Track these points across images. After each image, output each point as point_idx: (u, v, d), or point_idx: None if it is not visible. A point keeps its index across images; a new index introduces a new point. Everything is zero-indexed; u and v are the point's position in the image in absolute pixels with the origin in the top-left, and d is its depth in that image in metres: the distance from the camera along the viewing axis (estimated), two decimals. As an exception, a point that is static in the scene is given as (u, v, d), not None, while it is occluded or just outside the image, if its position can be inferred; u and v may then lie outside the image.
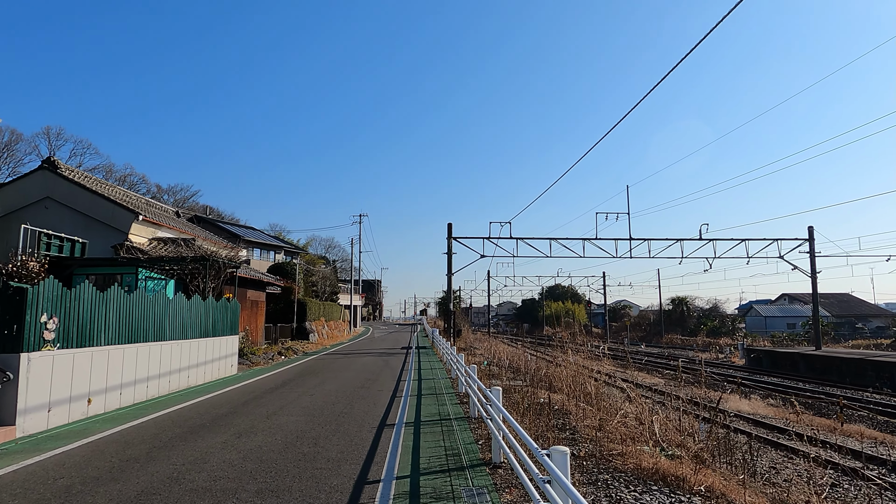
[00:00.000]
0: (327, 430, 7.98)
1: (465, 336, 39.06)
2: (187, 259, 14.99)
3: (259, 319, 22.65)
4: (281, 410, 9.72)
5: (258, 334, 22.60)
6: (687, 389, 22.27)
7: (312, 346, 28.76)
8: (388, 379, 15.03)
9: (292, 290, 30.44)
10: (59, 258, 15.01)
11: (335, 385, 13.54)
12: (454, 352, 14.99)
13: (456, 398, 11.62)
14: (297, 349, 25.81)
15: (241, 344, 19.48)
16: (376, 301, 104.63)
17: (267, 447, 6.91)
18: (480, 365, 18.27)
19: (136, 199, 25.19)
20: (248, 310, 21.43)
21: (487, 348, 31.28)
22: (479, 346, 34.76)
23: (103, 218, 19.52)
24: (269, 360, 20.62)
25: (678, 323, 67.55)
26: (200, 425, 8.33)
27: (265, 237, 50.54)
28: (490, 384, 13.13)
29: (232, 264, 16.63)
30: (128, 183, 57.86)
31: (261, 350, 21.36)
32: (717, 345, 51.43)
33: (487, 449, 6.85)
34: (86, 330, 9.14)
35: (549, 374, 13.12)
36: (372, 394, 12.02)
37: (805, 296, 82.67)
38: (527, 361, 21.00)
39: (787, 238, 31.71)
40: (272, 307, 30.69)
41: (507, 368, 18.12)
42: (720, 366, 33.45)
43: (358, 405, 10.39)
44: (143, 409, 9.77)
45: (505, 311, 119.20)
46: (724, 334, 60.49)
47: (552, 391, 12.65)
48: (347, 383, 13.92)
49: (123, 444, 7.10)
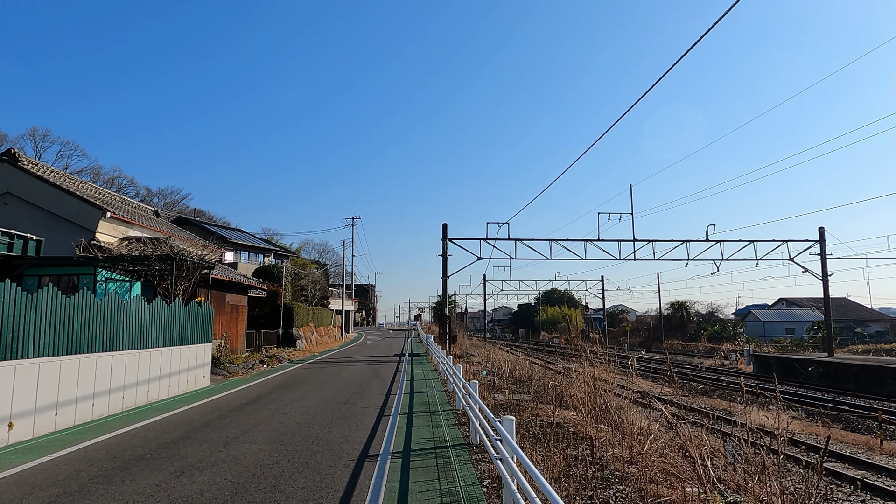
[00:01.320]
0: (294, 465, 6.41)
1: (460, 342, 37.50)
2: (150, 258, 13.38)
3: (240, 325, 21.04)
4: (244, 435, 8.14)
5: (238, 341, 20.97)
6: (699, 399, 20.86)
7: (299, 354, 27.10)
8: (377, 392, 13.45)
9: (278, 294, 28.79)
10: (6, 257, 13.37)
11: (315, 400, 11.94)
12: (450, 362, 13.45)
13: (453, 417, 10.07)
14: (282, 357, 24.16)
15: (217, 352, 17.86)
16: (370, 306, 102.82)
17: (209, 493, 5.33)
18: (479, 375, 16.72)
19: (111, 197, 23.55)
20: (226, 315, 19.82)
21: (485, 355, 29.72)
22: (476, 352, 33.20)
23: (68, 215, 17.88)
24: (249, 369, 18.99)
25: (678, 328, 66.18)
26: (138, 457, 6.74)
27: (254, 240, 48.80)
28: (494, 401, 11.60)
29: (204, 264, 15.04)
30: (116, 185, 56.14)
31: (240, 359, 19.72)
32: (719, 350, 50.05)
33: (496, 495, 5.31)
34: (7, 339, 7.54)
35: (560, 388, 11.58)
36: (356, 412, 10.44)
37: (803, 300, 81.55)
38: (528, 370, 19.46)
39: (797, 239, 30.42)
40: (257, 312, 29.03)
41: (509, 378, 16.57)
42: (727, 373, 32.02)
43: (338, 427, 8.81)
44: (80, 434, 8.16)
45: (500, 317, 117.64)
46: (725, 339, 59.14)
47: (562, 407, 11.12)
48: (330, 398, 12.33)
49: (29, 487, 5.51)
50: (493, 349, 38.73)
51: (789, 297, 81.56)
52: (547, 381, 14.16)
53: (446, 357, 14.85)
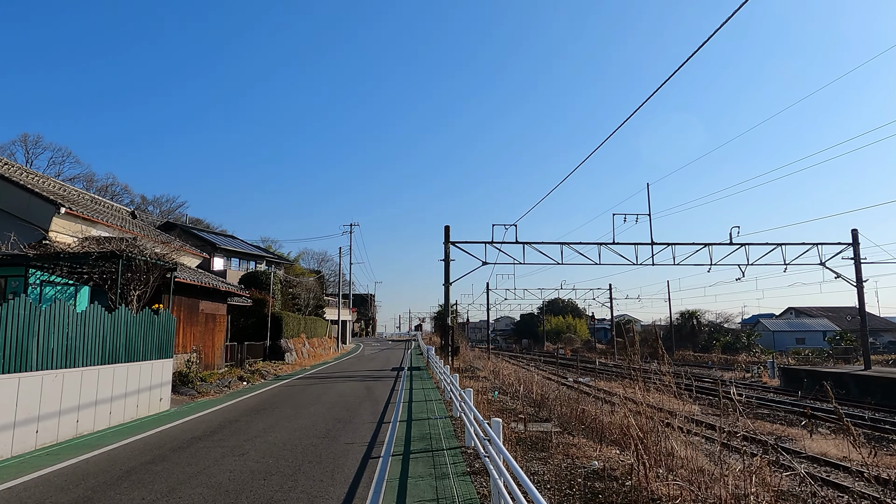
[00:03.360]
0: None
1: (463, 354, 35.01)
2: (92, 255, 11.03)
3: (217, 337, 18.67)
4: (170, 494, 5.75)
5: (216, 355, 18.59)
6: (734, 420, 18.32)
7: (287, 368, 24.66)
8: (367, 419, 11.04)
9: (265, 302, 26.39)
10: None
11: (287, 432, 9.53)
12: (456, 381, 11.05)
13: (461, 458, 7.67)
14: (266, 372, 21.74)
15: (186, 368, 15.48)
16: (369, 316, 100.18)
17: None
18: (490, 395, 14.29)
19: (78, 195, 21.24)
20: (199, 325, 17.44)
21: (491, 369, 27.28)
22: (480, 365, 30.73)
23: (16, 211, 15.55)
24: (225, 387, 16.57)
25: (688, 338, 63.62)
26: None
27: (247, 247, 46.39)
28: (512, 431, 9.19)
29: (165, 264, 12.70)
30: (109, 193, 54.10)
31: (216, 375, 17.32)
32: (736, 362, 47.49)
33: None
34: None
35: (597, 418, 9.19)
36: (336, 450, 8.04)
37: (812, 309, 78.90)
38: (542, 388, 17.03)
39: (829, 242, 28.07)
40: (242, 322, 26.63)
41: (524, 399, 14.15)
42: (751, 387, 29.51)
43: (305, 479, 6.42)
44: (-60, 493, 5.78)
45: (502, 327, 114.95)
46: (739, 350, 56.56)
47: (602, 441, 8.73)
48: (307, 428, 9.93)
49: None
50: (499, 362, 36.24)
51: (798, 307, 79.10)
52: (573, 405, 11.75)
53: (450, 375, 12.45)
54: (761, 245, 28.12)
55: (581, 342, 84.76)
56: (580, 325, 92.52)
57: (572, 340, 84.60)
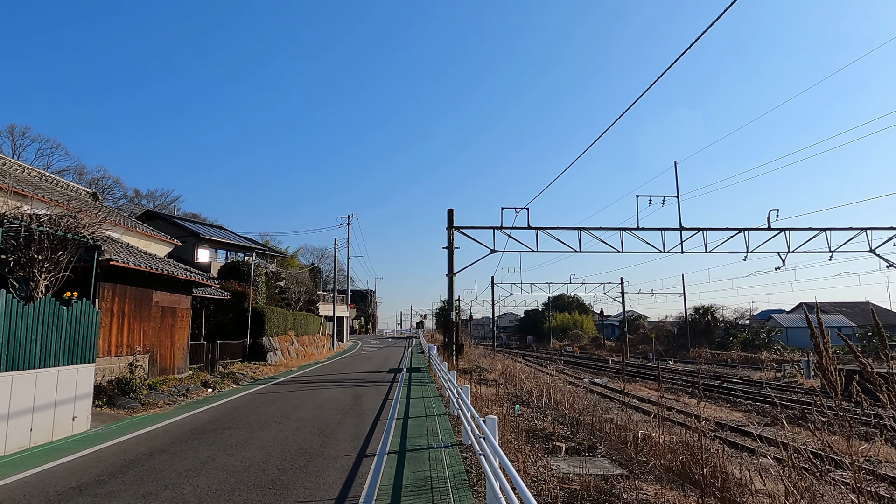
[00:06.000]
0: None
1: (467, 352, 31.95)
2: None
3: (177, 334, 15.65)
4: None
5: (175, 357, 15.57)
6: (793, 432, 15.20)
7: (269, 370, 21.61)
8: (342, 451, 7.97)
9: (245, 295, 23.34)
10: None
11: (216, 480, 6.42)
12: (467, 398, 8.01)
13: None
14: (243, 375, 18.72)
15: (129, 374, 12.44)
16: (369, 313, 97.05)
17: None
18: (509, 408, 11.19)
19: (21, 170, 18.20)
20: (154, 320, 14.41)
21: (500, 370, 24.17)
22: (487, 365, 27.62)
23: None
24: (180, 396, 13.53)
25: (703, 335, 60.46)
26: None
27: (236, 238, 43.29)
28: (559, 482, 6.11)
29: (80, 239, 9.63)
30: (100, 186, 51.23)
31: (172, 381, 14.28)
32: (758, 360, 44.38)
33: None
34: None
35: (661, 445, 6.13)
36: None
37: (825, 305, 75.55)
38: (570, 396, 13.93)
39: (881, 227, 24.90)
40: (221, 318, 23.62)
41: (555, 414, 11.04)
42: (789, 389, 26.44)
43: None
44: None
45: (506, 323, 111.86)
46: (759, 348, 53.39)
47: (681, 481, 5.68)
48: (252, 468, 6.86)
49: None
50: (508, 361, 33.21)
51: (810, 302, 75.91)
52: (623, 426, 8.66)
53: (456, 386, 9.39)
54: (803, 230, 25.00)
55: (588, 339, 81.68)
56: (587, 321, 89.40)
57: (579, 337, 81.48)
